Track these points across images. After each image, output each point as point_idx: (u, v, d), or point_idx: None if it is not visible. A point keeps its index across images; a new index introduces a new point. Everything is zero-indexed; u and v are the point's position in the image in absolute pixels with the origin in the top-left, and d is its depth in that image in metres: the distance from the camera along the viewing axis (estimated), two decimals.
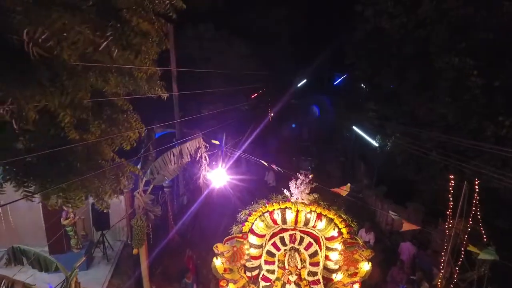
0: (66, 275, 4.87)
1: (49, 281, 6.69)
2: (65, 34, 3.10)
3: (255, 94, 22.00)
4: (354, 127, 14.52)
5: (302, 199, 5.52)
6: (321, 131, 21.51)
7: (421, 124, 10.41)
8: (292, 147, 18.73)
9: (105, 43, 3.41)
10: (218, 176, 6.77)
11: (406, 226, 6.33)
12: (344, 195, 6.13)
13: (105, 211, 5.42)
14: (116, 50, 3.55)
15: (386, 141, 10.73)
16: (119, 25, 3.76)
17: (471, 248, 5.87)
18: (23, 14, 2.93)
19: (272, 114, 27.51)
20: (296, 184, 5.57)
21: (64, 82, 3.50)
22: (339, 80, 29.86)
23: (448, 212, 6.75)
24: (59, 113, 3.65)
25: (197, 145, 7.19)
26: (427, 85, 10.09)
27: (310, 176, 5.56)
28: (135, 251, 7.77)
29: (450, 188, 6.61)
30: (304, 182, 5.51)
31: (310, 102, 27.07)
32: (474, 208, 6.44)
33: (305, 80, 31.57)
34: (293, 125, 23.85)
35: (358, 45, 13.03)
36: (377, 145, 11.88)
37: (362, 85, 14.43)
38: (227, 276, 6.12)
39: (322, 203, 5.62)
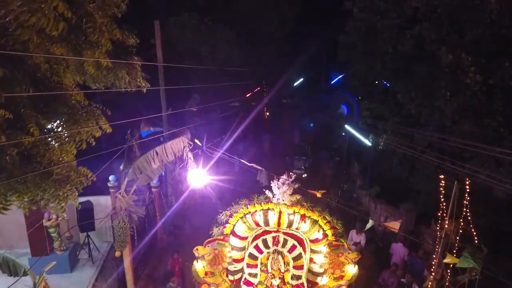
0: (34, 280, 4.63)
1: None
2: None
3: (250, 93, 21.78)
4: (347, 127, 14.30)
5: (284, 200, 5.30)
6: (316, 131, 21.32)
7: (416, 124, 10.22)
8: (286, 147, 18.52)
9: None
10: (199, 177, 6.54)
11: (391, 225, 6.13)
12: (319, 196, 5.90)
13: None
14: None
15: (379, 141, 10.52)
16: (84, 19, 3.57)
17: (448, 258, 5.68)
18: None
19: (267, 114, 27.37)
20: (277, 184, 5.35)
21: None
22: (336, 79, 29.67)
23: (439, 213, 6.54)
24: None
25: (182, 144, 6.97)
26: (424, 83, 9.89)
27: (292, 177, 5.34)
28: (117, 253, 7.54)
29: (441, 189, 6.40)
30: (287, 182, 5.28)
31: (306, 101, 26.87)
32: (464, 209, 6.25)
33: (301, 80, 31.41)
34: (291, 127, 23.70)
35: (351, 44, 12.81)
36: (370, 144, 11.68)
37: (358, 82, 14.22)
38: (208, 279, 5.90)
39: (305, 204, 5.40)
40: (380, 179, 11.89)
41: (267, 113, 27.32)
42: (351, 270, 5.78)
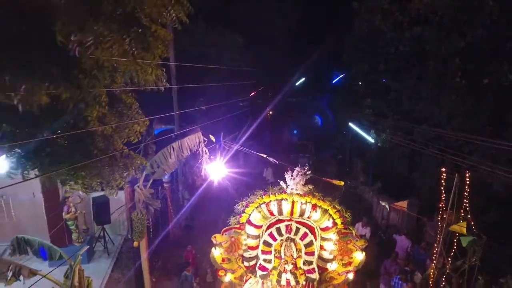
0: (70, 263, 5.04)
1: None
2: (101, 39, 3.50)
3: (255, 92, 22.20)
4: (350, 124, 14.71)
5: (297, 190, 5.70)
6: (320, 129, 21.75)
7: (416, 120, 10.63)
8: (290, 145, 18.95)
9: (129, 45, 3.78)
10: (217, 170, 6.95)
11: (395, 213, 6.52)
12: (337, 185, 6.31)
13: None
14: (136, 51, 3.90)
15: (381, 137, 10.93)
16: (140, 30, 4.05)
17: (455, 227, 6.07)
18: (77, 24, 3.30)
19: (270, 112, 27.77)
20: (292, 175, 5.75)
21: (80, 79, 3.85)
22: (337, 78, 30.07)
23: (440, 204, 6.95)
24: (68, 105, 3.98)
25: (197, 140, 7.37)
26: (422, 83, 10.31)
27: (305, 168, 5.74)
28: (135, 243, 7.94)
29: (442, 181, 6.80)
30: (300, 173, 5.69)
31: (309, 100, 27.25)
32: (465, 200, 6.65)
33: (303, 79, 31.81)
34: (294, 126, 24.15)
35: (355, 44, 13.21)
36: (372, 141, 12.08)
37: (360, 82, 14.63)
38: (225, 266, 6.31)
39: (317, 194, 5.80)
40: (382, 175, 12.30)
41: (270, 112, 27.75)
42: (359, 256, 6.19)
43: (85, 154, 4.69)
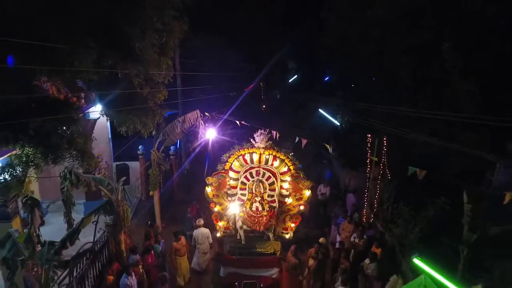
0: (116, 186, 7.87)
1: None
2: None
3: (248, 88, 25.03)
4: (321, 110, 17.55)
5: (260, 145, 8.52)
6: (303, 118, 24.55)
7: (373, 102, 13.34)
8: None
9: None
10: (210, 132, 9.84)
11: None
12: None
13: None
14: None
15: (344, 119, 13.73)
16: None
17: None
18: None
19: (264, 106, 30.71)
20: (258, 135, 8.58)
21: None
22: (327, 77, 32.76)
23: (368, 161, 9.78)
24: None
25: (196, 115, 10.20)
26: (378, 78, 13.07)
27: (267, 130, 8.57)
28: (151, 193, 10.80)
29: (368, 143, 9.63)
30: (263, 134, 8.52)
31: (299, 96, 29.97)
32: (383, 157, 9.48)
33: (295, 76, 34.60)
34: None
35: (329, 47, 15.91)
36: (338, 123, 14.90)
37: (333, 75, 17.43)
38: (214, 200, 9.15)
39: (275, 148, 8.63)
40: (347, 151, 15.11)
41: (264, 106, 30.69)
42: (307, 193, 9.01)
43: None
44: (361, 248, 8.83)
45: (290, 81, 34.25)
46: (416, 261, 5.78)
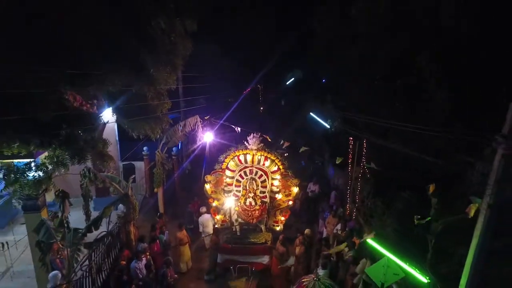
0: (124, 183, 9.00)
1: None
2: None
3: (246, 91, 26.22)
4: (312, 114, 18.69)
5: (252, 147, 9.65)
6: (298, 119, 25.70)
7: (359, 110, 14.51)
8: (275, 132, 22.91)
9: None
10: (208, 135, 10.99)
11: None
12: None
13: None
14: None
15: (334, 123, 14.87)
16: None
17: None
18: None
19: (262, 108, 31.87)
20: (251, 139, 9.71)
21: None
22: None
23: (349, 162, 10.93)
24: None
25: (195, 120, 11.34)
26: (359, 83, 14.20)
27: (258, 134, 9.71)
28: (155, 189, 11.93)
29: (350, 146, 10.76)
30: (255, 137, 9.65)
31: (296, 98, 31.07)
32: (363, 158, 10.62)
33: (292, 79, 35.73)
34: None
35: (318, 53, 17.05)
36: (328, 126, 16.03)
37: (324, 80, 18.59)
38: (213, 195, 10.28)
39: (267, 149, 9.76)
40: (336, 153, 16.23)
41: (261, 108, 31.86)
42: (295, 190, 10.15)
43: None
44: (342, 239, 9.96)
45: (287, 83, 35.40)
46: (369, 241, 6.90)
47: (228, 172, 10.04)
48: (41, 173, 6.20)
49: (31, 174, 6.03)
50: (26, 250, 7.86)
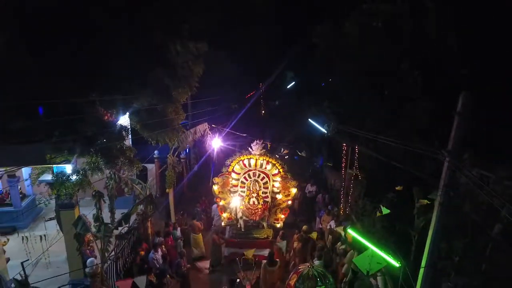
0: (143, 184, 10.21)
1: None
2: None
3: (248, 95, 27.46)
4: (310, 120, 19.93)
5: (256, 152, 10.85)
6: (299, 123, 26.90)
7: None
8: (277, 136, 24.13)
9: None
10: (216, 142, 12.22)
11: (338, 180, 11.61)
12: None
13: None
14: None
15: (331, 128, 16.05)
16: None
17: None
18: None
19: (263, 111, 33.10)
20: (254, 145, 10.91)
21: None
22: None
23: (343, 165, 12.11)
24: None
25: (204, 127, 12.54)
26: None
27: (261, 141, 10.91)
28: (167, 190, 13.14)
29: (344, 150, 11.95)
30: (258, 144, 10.85)
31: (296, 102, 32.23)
32: (356, 162, 11.81)
33: (293, 83, 36.92)
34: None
35: (318, 62, 18.21)
36: (325, 132, 17.23)
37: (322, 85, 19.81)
38: (220, 195, 11.48)
39: (268, 155, 10.96)
40: (334, 156, 17.42)
41: (263, 111, 33.10)
42: (294, 191, 11.35)
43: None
44: (337, 235, 11.15)
45: (288, 87, 36.58)
46: (350, 231, 8.09)
47: (233, 175, 11.23)
48: (78, 177, 7.41)
49: (73, 177, 7.24)
50: (55, 243, 9.06)
